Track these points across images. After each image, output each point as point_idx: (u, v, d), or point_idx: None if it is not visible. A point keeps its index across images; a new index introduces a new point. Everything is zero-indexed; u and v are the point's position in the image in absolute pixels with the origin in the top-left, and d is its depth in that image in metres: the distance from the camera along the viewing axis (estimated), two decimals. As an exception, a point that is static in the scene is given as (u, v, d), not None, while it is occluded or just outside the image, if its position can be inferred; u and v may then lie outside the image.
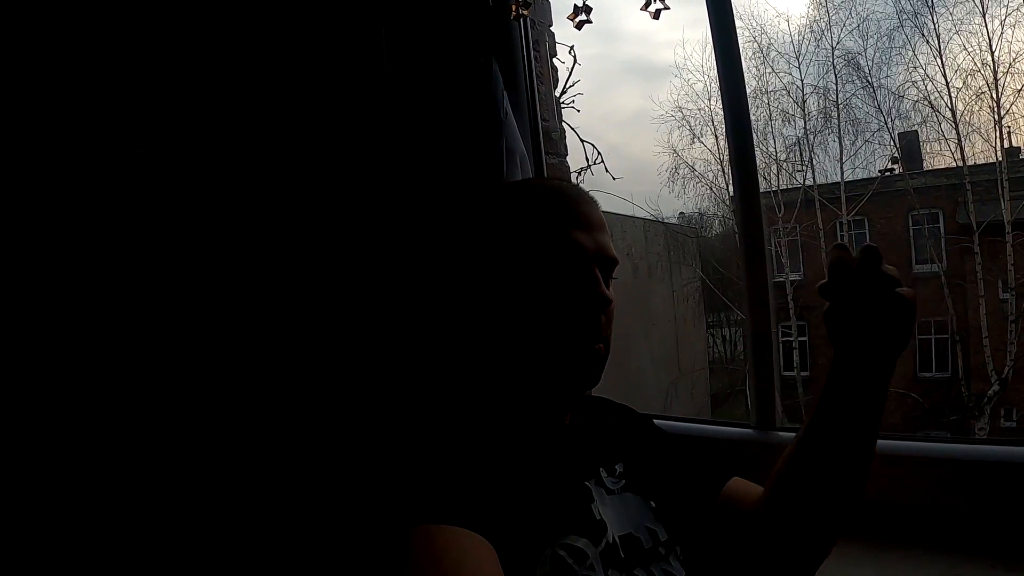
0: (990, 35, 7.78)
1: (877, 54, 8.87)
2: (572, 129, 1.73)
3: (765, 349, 1.28)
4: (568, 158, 1.59)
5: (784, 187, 9.42)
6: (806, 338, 9.31)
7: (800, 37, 9.51)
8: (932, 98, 8.36)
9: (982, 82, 7.95)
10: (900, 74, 9.25)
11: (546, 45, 1.49)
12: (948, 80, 8.17)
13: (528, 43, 1.31)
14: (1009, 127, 7.84)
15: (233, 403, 1.09)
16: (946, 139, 8.34)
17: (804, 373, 9.13)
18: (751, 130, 1.30)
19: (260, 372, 1.11)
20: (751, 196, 1.29)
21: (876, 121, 8.96)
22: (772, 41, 9.85)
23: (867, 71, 8.91)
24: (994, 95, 7.86)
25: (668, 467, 0.70)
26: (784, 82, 9.39)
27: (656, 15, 1.03)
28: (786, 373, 9.00)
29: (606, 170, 2.14)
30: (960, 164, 8.18)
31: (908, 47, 8.52)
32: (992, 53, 7.80)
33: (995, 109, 7.86)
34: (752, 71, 9.40)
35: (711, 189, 10.19)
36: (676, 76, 19.70)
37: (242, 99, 1.16)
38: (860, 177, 9.11)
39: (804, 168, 9.35)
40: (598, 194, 0.71)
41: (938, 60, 8.24)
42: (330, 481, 0.99)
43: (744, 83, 1.28)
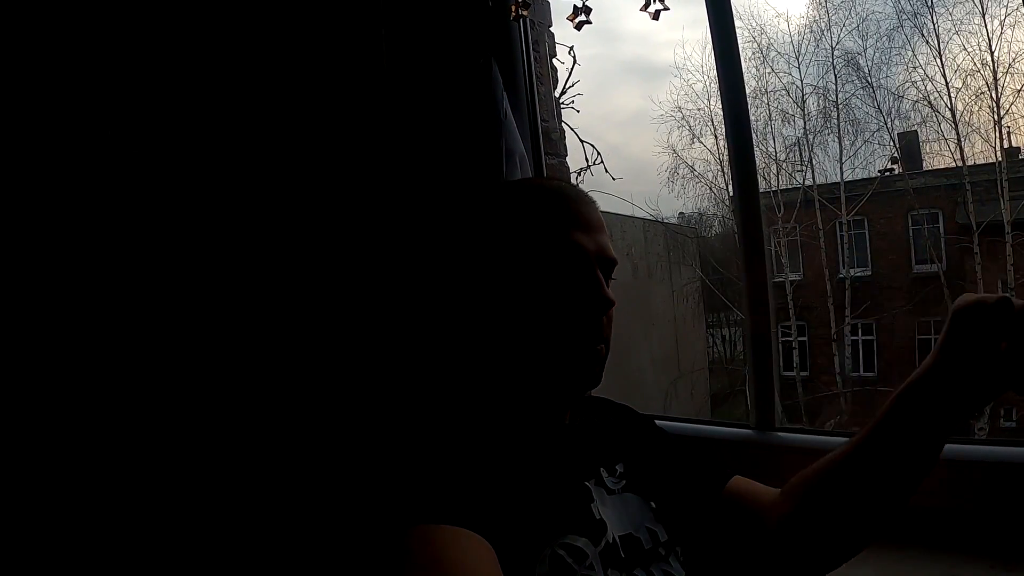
0: (990, 35, 7.77)
1: (877, 54, 8.86)
2: (572, 129, 1.73)
3: (765, 350, 1.28)
4: (568, 159, 1.60)
5: (784, 187, 9.42)
6: (805, 338, 9.30)
7: (800, 37, 9.46)
8: (932, 98, 8.35)
9: (982, 82, 7.94)
10: (900, 74, 9.24)
11: (546, 45, 1.49)
12: (948, 80, 8.16)
13: (528, 44, 1.31)
14: (1009, 127, 7.83)
15: (233, 403, 1.09)
16: (946, 139, 8.33)
17: (803, 373, 9.11)
18: (751, 130, 1.30)
19: (261, 372, 1.11)
20: (751, 196, 1.29)
21: (876, 121, 8.94)
22: (772, 41, 9.77)
23: (867, 71, 8.90)
24: (994, 95, 7.85)
25: (669, 467, 0.70)
26: (784, 82, 9.39)
27: (656, 16, 1.03)
28: (785, 373, 8.99)
29: (606, 170, 2.14)
30: (960, 164, 8.17)
31: (908, 47, 8.51)
32: (992, 53, 7.79)
33: (995, 109, 7.85)
34: (752, 71, 9.37)
35: (711, 189, 10.18)
36: (676, 76, 19.63)
37: (242, 100, 1.16)
38: (860, 177, 9.08)
39: (804, 168, 9.33)
40: (597, 194, 0.72)
41: (938, 60, 8.23)
42: (329, 480, 0.99)
43: (744, 83, 1.28)
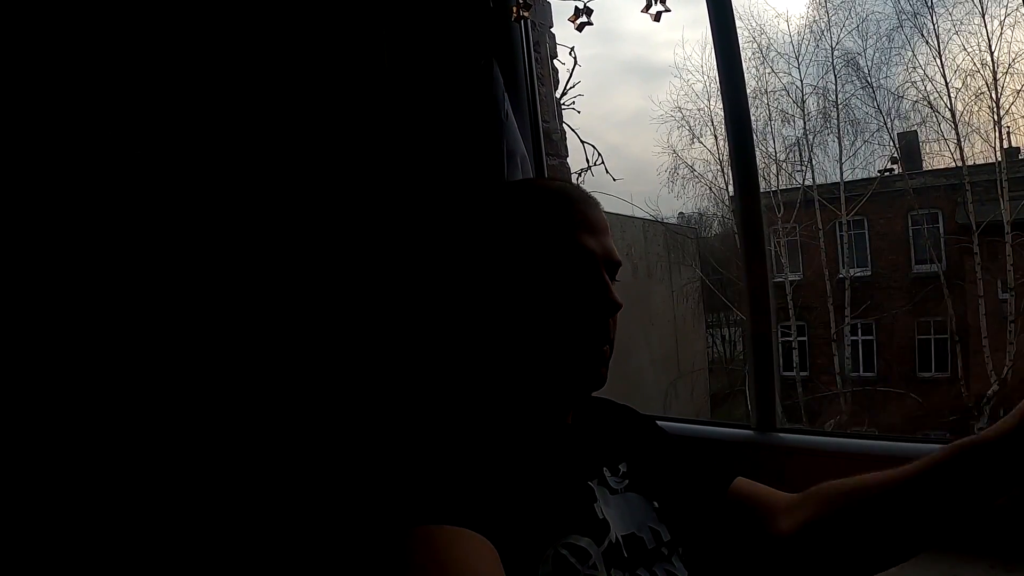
0: (989, 35, 7.77)
1: (877, 54, 8.86)
2: (572, 130, 1.72)
3: (765, 350, 1.28)
4: (568, 159, 1.60)
5: (783, 187, 9.42)
6: (805, 338, 9.30)
7: (800, 37, 9.48)
8: (931, 98, 8.36)
9: (981, 82, 7.95)
10: (899, 74, 9.24)
11: (546, 46, 1.49)
12: (947, 80, 8.17)
13: (529, 45, 1.31)
14: (1008, 127, 7.84)
15: (237, 403, 1.09)
16: (945, 139, 8.33)
17: (803, 373, 9.12)
18: (751, 130, 1.30)
19: (264, 372, 1.11)
20: (751, 196, 1.28)
21: (875, 121, 8.95)
22: (772, 41, 9.78)
23: (867, 71, 8.90)
24: (993, 95, 7.86)
25: (672, 467, 0.70)
26: (783, 82, 9.39)
27: (657, 17, 1.02)
28: (785, 373, 8.99)
29: (606, 171, 2.13)
30: (959, 164, 8.17)
31: (908, 47, 8.52)
32: (991, 53, 7.80)
33: (994, 109, 7.86)
34: (752, 71, 9.38)
35: (710, 189, 10.19)
36: (676, 76, 19.63)
37: (244, 101, 1.16)
38: (859, 177, 9.08)
39: (803, 168, 9.34)
40: (598, 195, 0.72)
41: (937, 60, 8.23)
42: (332, 481, 1.00)
43: (744, 83, 1.28)
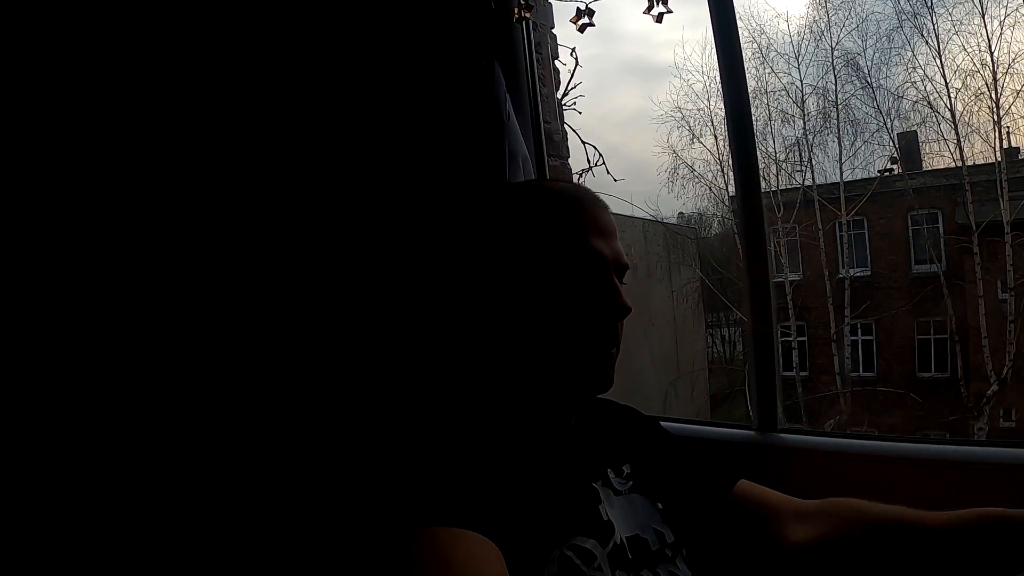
0: (989, 36, 7.78)
1: (876, 55, 8.87)
2: (573, 131, 1.73)
3: (766, 350, 1.28)
4: (569, 159, 1.60)
5: (783, 187, 9.42)
6: (805, 338, 9.31)
7: (799, 37, 9.48)
8: (931, 99, 8.37)
9: (981, 83, 7.95)
10: (899, 75, 9.26)
11: (548, 47, 1.49)
12: (947, 81, 8.18)
13: (531, 45, 1.31)
14: (1008, 127, 7.85)
15: (241, 404, 1.09)
16: (945, 139, 8.34)
17: (803, 373, 9.12)
18: (753, 130, 1.29)
19: (269, 374, 1.11)
20: (752, 196, 1.28)
21: (875, 121, 8.96)
22: (771, 41, 9.79)
23: (866, 72, 8.91)
24: (993, 95, 7.87)
25: (675, 469, 0.71)
26: (783, 82, 9.39)
27: (659, 19, 1.03)
28: (785, 373, 9.00)
29: (607, 172, 2.13)
30: (959, 164, 8.18)
31: (907, 48, 8.52)
32: (991, 54, 7.80)
33: (994, 109, 7.86)
34: (751, 71, 9.38)
35: (710, 189, 10.19)
36: (676, 76, 19.65)
37: (245, 102, 1.16)
38: (859, 177, 9.09)
39: (803, 168, 9.35)
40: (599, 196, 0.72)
41: (937, 61, 8.24)
42: (337, 483, 1.00)
43: (746, 82, 1.28)
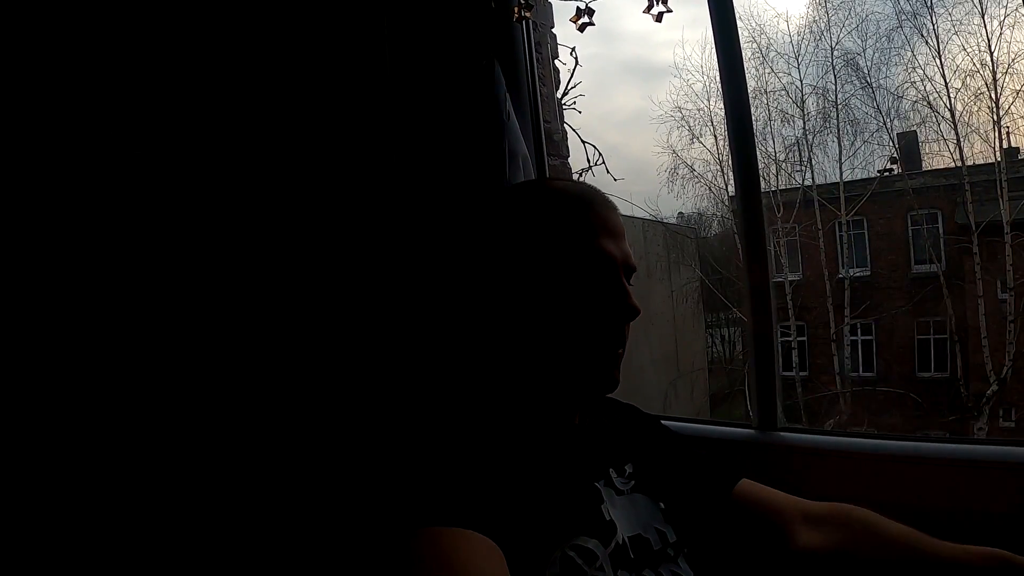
0: (989, 36, 7.78)
1: (876, 55, 8.87)
2: (573, 130, 1.72)
3: (767, 350, 1.28)
4: (569, 159, 1.60)
5: (783, 187, 9.42)
6: (805, 338, 9.31)
7: (799, 37, 9.49)
8: (931, 98, 8.37)
9: (981, 83, 7.96)
10: (899, 75, 9.26)
11: (548, 47, 1.49)
12: (947, 81, 8.18)
13: (531, 45, 1.31)
14: (1008, 127, 7.85)
15: (244, 404, 1.09)
16: (945, 139, 8.34)
17: (803, 373, 9.13)
18: (752, 130, 1.29)
19: (272, 374, 1.11)
20: (752, 196, 1.28)
21: (875, 121, 8.96)
22: (771, 41, 9.80)
23: (866, 71, 8.91)
24: (993, 95, 7.87)
25: (677, 468, 0.71)
26: (783, 82, 9.40)
27: (659, 18, 1.03)
28: (785, 373, 9.00)
29: (607, 171, 2.13)
30: (959, 164, 8.18)
31: (907, 48, 8.53)
32: (991, 54, 7.81)
33: (994, 109, 7.86)
34: (751, 71, 9.38)
35: (710, 189, 10.20)
36: (676, 76, 19.67)
37: (246, 103, 1.16)
38: (859, 177, 9.09)
39: (803, 168, 9.35)
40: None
41: (937, 61, 8.24)
42: (338, 482, 1.00)
43: (746, 82, 1.28)
